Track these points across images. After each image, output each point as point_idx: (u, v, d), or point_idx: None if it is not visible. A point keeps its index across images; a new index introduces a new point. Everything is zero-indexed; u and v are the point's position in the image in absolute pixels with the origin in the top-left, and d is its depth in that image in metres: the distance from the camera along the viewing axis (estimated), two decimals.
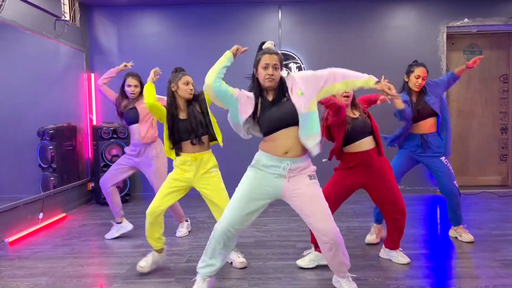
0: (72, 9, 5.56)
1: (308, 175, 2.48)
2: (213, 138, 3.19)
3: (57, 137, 5.14)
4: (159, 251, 3.17)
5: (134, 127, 3.97)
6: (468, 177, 6.42)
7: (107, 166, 5.56)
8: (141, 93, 3.97)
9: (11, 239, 4.00)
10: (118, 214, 4.10)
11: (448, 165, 3.65)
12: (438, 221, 4.55)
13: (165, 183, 3.11)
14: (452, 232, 3.87)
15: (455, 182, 3.64)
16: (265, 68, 2.41)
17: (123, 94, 4.03)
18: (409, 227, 4.17)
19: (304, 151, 2.48)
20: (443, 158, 3.64)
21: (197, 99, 3.17)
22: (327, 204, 2.48)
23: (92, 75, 5.97)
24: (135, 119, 3.95)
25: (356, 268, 3.03)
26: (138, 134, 3.92)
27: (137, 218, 4.74)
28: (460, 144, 6.40)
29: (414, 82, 3.58)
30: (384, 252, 3.32)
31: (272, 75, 2.41)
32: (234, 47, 2.60)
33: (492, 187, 6.16)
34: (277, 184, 2.46)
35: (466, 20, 5.89)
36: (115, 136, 5.67)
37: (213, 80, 2.46)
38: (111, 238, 4.03)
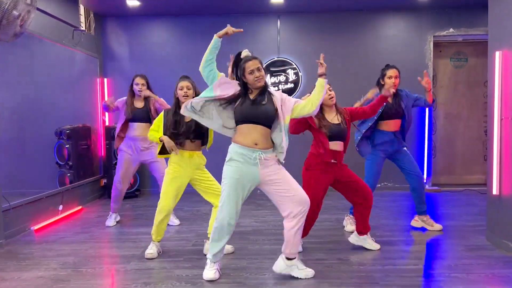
0: (87, 19, 6.06)
1: (277, 162, 2.95)
2: (203, 142, 3.61)
3: (73, 136, 5.60)
4: (158, 240, 3.61)
5: (136, 124, 4.47)
6: (455, 176, 6.88)
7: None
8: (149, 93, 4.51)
9: (36, 227, 4.48)
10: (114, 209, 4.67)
11: (409, 153, 4.16)
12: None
13: (168, 184, 3.48)
14: (416, 223, 4.28)
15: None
16: (251, 73, 2.88)
17: (131, 92, 4.52)
18: (392, 219, 4.66)
19: (268, 144, 2.93)
20: (405, 148, 4.14)
21: None
22: (298, 184, 2.96)
23: (105, 80, 6.46)
24: (143, 119, 4.45)
25: (341, 250, 3.52)
26: (140, 131, 4.43)
27: (147, 210, 5.25)
28: (447, 145, 6.86)
29: (389, 83, 3.99)
30: (355, 238, 3.69)
31: (259, 76, 2.89)
32: (223, 30, 3.08)
33: (477, 185, 6.59)
34: (254, 171, 2.88)
35: (451, 30, 6.35)
36: None
37: (202, 67, 3.05)
38: (112, 225, 4.58)
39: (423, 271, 3.12)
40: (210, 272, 3.00)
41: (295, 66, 6.42)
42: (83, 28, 5.85)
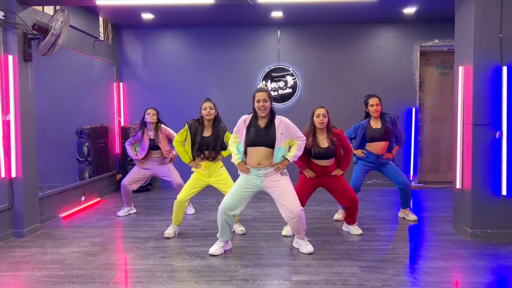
0: (106, 30, 6.73)
1: (280, 173, 3.64)
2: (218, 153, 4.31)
3: (92, 135, 6.24)
4: (177, 224, 4.30)
5: (153, 152, 5.17)
6: (440, 174, 7.48)
7: (132, 160, 6.71)
8: (157, 123, 5.15)
9: (63, 214, 5.15)
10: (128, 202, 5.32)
11: (394, 165, 4.77)
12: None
13: (191, 181, 4.22)
14: (400, 213, 4.96)
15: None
16: (258, 102, 3.56)
17: (143, 123, 5.18)
18: (376, 210, 5.28)
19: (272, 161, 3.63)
20: (392, 163, 4.76)
21: (219, 120, 4.27)
22: (295, 192, 3.65)
23: (121, 84, 7.13)
24: (155, 147, 5.14)
25: (326, 234, 4.16)
26: (157, 154, 5.15)
27: (159, 202, 5.92)
28: (433, 146, 7.46)
29: (372, 111, 4.60)
30: (344, 226, 4.43)
31: (263, 106, 3.55)
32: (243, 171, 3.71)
33: None
34: (258, 183, 3.65)
35: (436, 40, 6.96)
36: None
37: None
38: (122, 215, 5.22)
39: (391, 250, 3.75)
40: (213, 248, 3.71)
41: (293, 73, 7.05)
42: (102, 38, 6.51)
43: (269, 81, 7.08)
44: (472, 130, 4.09)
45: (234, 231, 4.34)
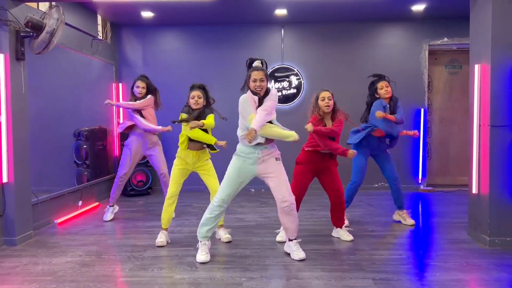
0: (104, 29, 6.52)
1: (275, 158, 3.46)
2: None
3: (90, 137, 6.03)
4: (166, 229, 4.10)
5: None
6: (449, 177, 7.24)
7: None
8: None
9: (59, 220, 4.93)
10: (116, 199, 5.16)
11: (391, 155, 4.61)
12: (418, 212, 5.40)
13: (175, 173, 4.02)
14: (396, 216, 4.75)
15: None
16: (254, 81, 3.34)
17: (133, 95, 5.05)
18: (385, 216, 5.05)
19: (269, 140, 3.44)
20: (388, 150, 4.59)
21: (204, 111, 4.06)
22: (287, 178, 3.48)
23: (120, 84, 6.91)
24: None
25: (335, 241, 3.94)
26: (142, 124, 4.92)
27: (159, 206, 5.62)
28: (442, 147, 7.23)
29: (384, 92, 4.45)
30: (334, 232, 4.24)
31: (260, 86, 3.35)
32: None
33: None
34: (252, 168, 3.45)
35: (445, 39, 6.73)
36: None
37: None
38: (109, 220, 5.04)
39: (405, 260, 3.52)
40: (202, 255, 3.52)
41: (297, 72, 6.83)
42: (101, 37, 6.30)
43: (272, 81, 6.87)
44: (489, 132, 3.87)
45: (220, 239, 4.13)
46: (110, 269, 3.41)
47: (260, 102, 3.39)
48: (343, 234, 4.12)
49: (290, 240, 3.61)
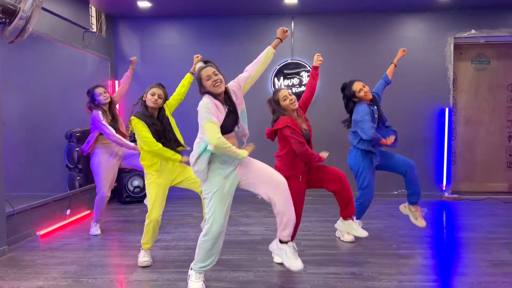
0: (99, 21, 5.99)
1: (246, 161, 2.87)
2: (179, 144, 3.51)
3: (83, 139, 5.50)
4: (149, 248, 3.50)
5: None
6: (475, 183, 6.59)
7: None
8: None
9: (42, 232, 4.39)
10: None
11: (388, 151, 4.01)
12: (444, 224, 4.78)
13: (152, 192, 3.34)
14: (404, 209, 4.15)
15: None
16: (209, 78, 2.76)
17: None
18: (410, 229, 4.42)
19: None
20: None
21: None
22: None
23: (116, 82, 6.38)
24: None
25: (355, 262, 3.32)
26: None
27: None
28: (467, 151, 6.58)
29: (364, 94, 3.86)
30: (341, 223, 3.55)
31: (217, 79, 2.76)
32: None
33: (499, 193, 6.30)
34: (235, 177, 2.83)
35: (473, 31, 6.10)
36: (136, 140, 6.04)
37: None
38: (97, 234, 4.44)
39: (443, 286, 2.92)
40: (198, 283, 2.87)
41: (309, 68, 6.24)
42: (94, 30, 5.78)
43: (281, 78, 6.28)
44: None
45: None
46: None
47: (227, 99, 2.86)
48: (356, 228, 3.45)
49: (284, 242, 2.92)
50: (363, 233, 3.42)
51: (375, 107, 3.93)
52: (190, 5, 5.79)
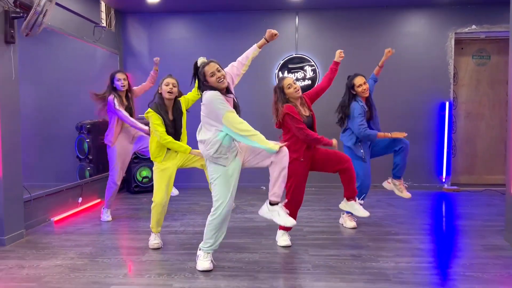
0: (108, 16, 6.17)
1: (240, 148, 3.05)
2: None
3: (93, 131, 5.70)
4: (158, 232, 3.70)
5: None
6: (475, 176, 6.74)
7: (138, 158, 6.15)
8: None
9: (56, 218, 4.60)
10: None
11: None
12: (443, 213, 4.94)
13: (159, 178, 3.56)
14: (387, 185, 4.31)
15: None
16: (213, 75, 2.92)
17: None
18: (409, 217, 4.60)
19: None
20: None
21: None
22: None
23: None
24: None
25: (354, 246, 3.51)
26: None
27: None
28: (467, 145, 6.72)
29: (362, 91, 4.06)
30: (345, 204, 3.69)
31: (221, 75, 2.93)
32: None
33: (498, 185, 6.44)
34: (237, 162, 3.03)
35: (474, 26, 6.23)
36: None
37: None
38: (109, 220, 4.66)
39: (437, 269, 3.08)
40: (206, 262, 3.08)
41: (313, 63, 6.40)
42: (104, 25, 5.96)
43: (285, 72, 6.44)
44: None
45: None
46: (102, 274, 3.04)
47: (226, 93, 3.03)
48: (358, 208, 3.61)
49: (274, 203, 3.11)
50: (365, 213, 3.59)
51: (366, 107, 4.11)
52: (196, 0, 5.96)
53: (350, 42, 6.39)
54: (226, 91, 3.01)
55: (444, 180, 6.38)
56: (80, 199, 5.18)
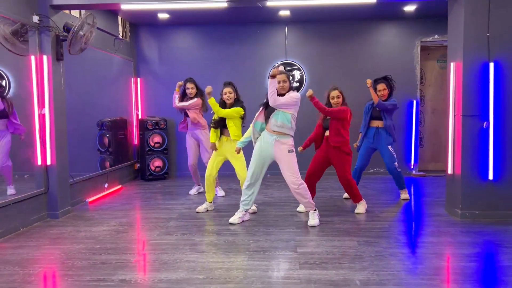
0: (124, 29, 7.18)
1: (287, 150, 4.16)
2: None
3: (112, 127, 6.69)
4: (210, 201, 4.90)
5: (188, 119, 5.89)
6: (440, 163, 7.85)
7: (151, 151, 7.18)
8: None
9: (90, 199, 5.65)
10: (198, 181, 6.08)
11: (392, 151, 5.26)
12: (411, 195, 6.05)
13: (212, 157, 4.91)
14: (402, 195, 5.53)
15: (395, 163, 5.27)
16: (279, 83, 4.19)
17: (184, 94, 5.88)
18: (377, 195, 5.71)
19: (281, 133, 4.20)
20: (389, 147, 5.22)
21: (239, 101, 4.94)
22: (297, 167, 4.22)
23: (138, 79, 7.60)
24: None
25: (330, 215, 4.63)
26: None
27: (176, 188, 6.43)
28: (434, 136, 7.84)
29: (380, 94, 5.26)
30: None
31: (282, 86, 4.22)
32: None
33: None
34: (270, 150, 4.21)
35: (436, 36, 7.32)
36: (157, 127, 7.25)
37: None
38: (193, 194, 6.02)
39: (388, 229, 4.19)
40: (234, 218, 4.40)
41: (300, 67, 7.47)
42: (121, 37, 6.97)
43: None
44: (462, 120, 4.50)
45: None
46: (141, 234, 4.13)
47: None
48: (358, 206, 4.83)
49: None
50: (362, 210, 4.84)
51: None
52: (201, 15, 6.98)
53: (331, 50, 7.46)
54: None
55: (412, 167, 7.49)
56: (106, 185, 6.23)
